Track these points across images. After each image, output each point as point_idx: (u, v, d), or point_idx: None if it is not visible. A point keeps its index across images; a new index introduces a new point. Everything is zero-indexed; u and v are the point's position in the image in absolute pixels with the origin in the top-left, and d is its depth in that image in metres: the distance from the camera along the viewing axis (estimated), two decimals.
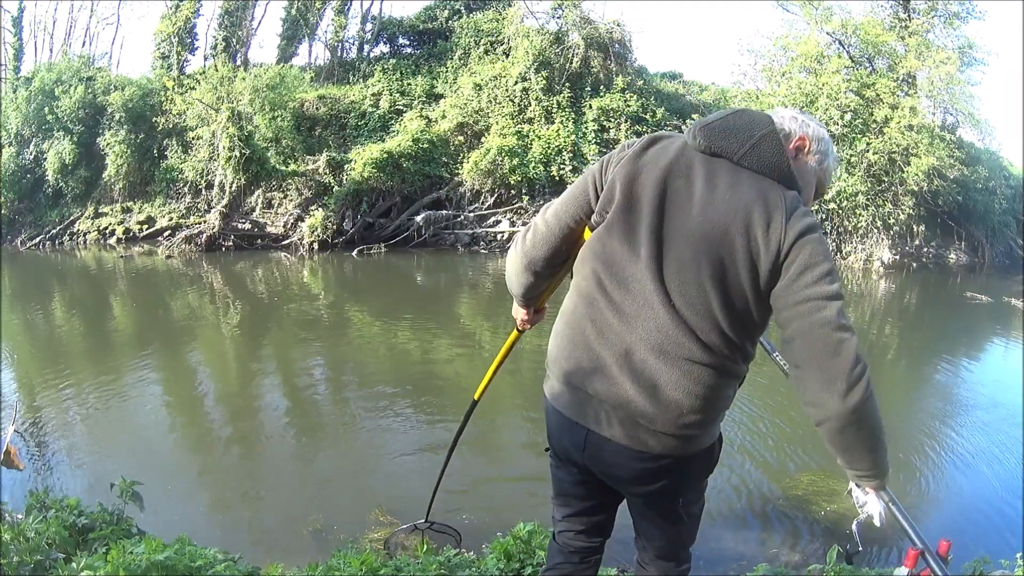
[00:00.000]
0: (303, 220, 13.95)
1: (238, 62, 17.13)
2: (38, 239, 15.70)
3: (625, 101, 15.29)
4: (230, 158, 13.87)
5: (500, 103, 15.31)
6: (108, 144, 15.62)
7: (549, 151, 14.48)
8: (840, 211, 13.45)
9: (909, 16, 15.07)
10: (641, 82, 16.18)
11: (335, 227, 13.77)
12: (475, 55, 16.77)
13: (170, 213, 15.20)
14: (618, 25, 16.07)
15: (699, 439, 1.29)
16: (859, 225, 13.52)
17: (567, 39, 15.75)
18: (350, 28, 19.05)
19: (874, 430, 1.13)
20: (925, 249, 14.58)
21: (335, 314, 8.83)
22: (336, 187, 14.14)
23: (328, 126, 16.17)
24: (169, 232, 14.86)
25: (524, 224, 1.84)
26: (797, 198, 1.16)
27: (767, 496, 3.55)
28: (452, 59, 17.00)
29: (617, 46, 16.00)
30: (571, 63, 15.55)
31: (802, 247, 1.10)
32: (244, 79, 14.44)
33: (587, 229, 1.32)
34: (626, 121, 15.03)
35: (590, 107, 15.26)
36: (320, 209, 13.89)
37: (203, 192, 15.13)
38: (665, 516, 1.43)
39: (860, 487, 1.28)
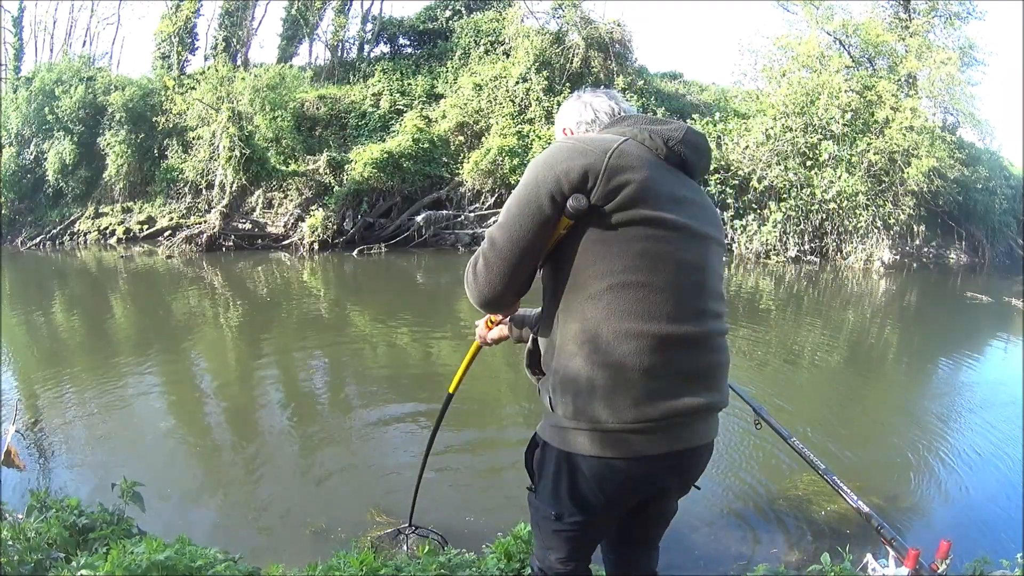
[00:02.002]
0: (303, 220, 13.96)
1: (238, 62, 17.16)
2: (38, 239, 15.72)
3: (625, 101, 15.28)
4: (230, 158, 13.89)
5: (500, 103, 15.32)
6: (108, 144, 15.64)
7: None
8: (840, 211, 13.45)
9: (910, 16, 15.09)
10: (641, 82, 16.20)
11: (335, 227, 13.78)
12: (475, 55, 16.78)
13: (170, 213, 15.22)
14: (618, 25, 16.08)
15: None
16: (859, 225, 13.52)
17: (567, 39, 15.77)
18: (350, 28, 19.13)
19: None
20: (925, 249, 14.59)
21: (335, 314, 8.83)
22: (336, 187, 14.15)
23: (328, 126, 16.18)
24: (169, 232, 14.88)
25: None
26: None
27: (767, 496, 3.54)
28: (452, 59, 17.01)
29: (617, 46, 16.01)
30: (571, 63, 15.56)
31: None
32: (244, 79, 14.46)
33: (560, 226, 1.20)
34: None
35: None
36: (320, 209, 13.90)
37: (203, 192, 15.15)
38: (676, 503, 1.47)
39: None
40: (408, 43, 18.98)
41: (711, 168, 13.03)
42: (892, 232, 13.75)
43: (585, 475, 1.22)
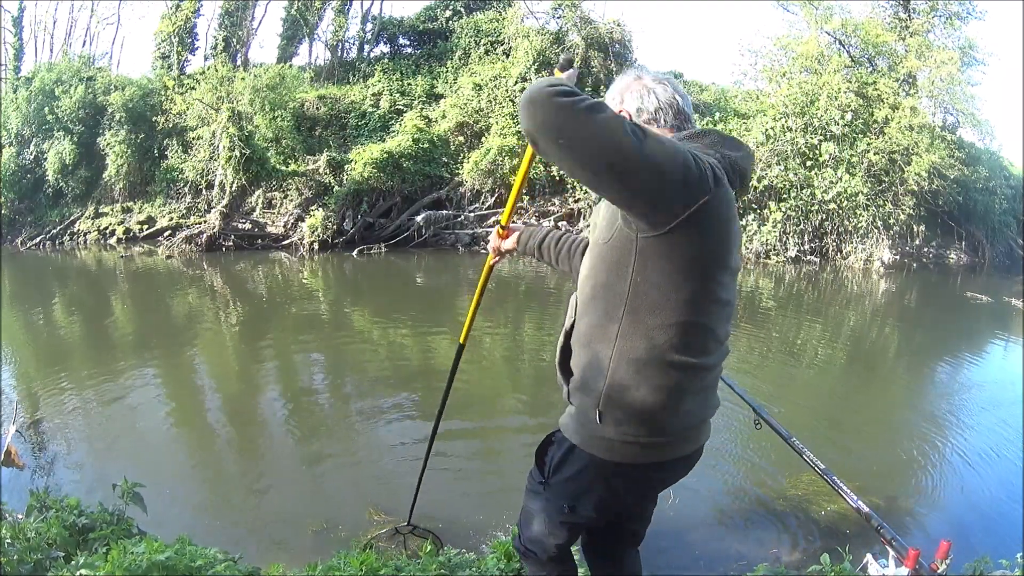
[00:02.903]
0: (303, 220, 13.96)
1: (238, 62, 17.15)
2: (38, 239, 15.71)
3: None
4: (230, 158, 13.88)
5: (500, 103, 15.31)
6: (108, 144, 15.63)
7: None
8: (840, 211, 13.45)
9: (909, 16, 15.08)
10: None
11: (335, 227, 13.78)
12: (475, 55, 16.78)
13: (170, 213, 15.21)
14: (618, 25, 16.08)
15: None
16: (859, 225, 13.51)
17: (567, 39, 15.76)
18: (350, 28, 19.10)
19: None
20: (925, 249, 14.58)
21: (335, 314, 8.83)
22: (336, 187, 14.14)
23: (328, 126, 16.17)
24: (169, 232, 14.87)
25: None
26: None
27: (767, 496, 3.55)
28: (452, 59, 17.01)
29: (617, 46, 16.01)
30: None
31: None
32: (244, 79, 14.45)
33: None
34: None
35: None
36: (320, 209, 13.89)
37: (203, 192, 15.14)
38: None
39: None
40: (408, 43, 18.97)
41: None
42: (892, 232, 13.74)
43: (618, 481, 1.31)
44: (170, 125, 15.74)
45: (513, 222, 1.72)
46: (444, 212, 14.48)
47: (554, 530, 1.44)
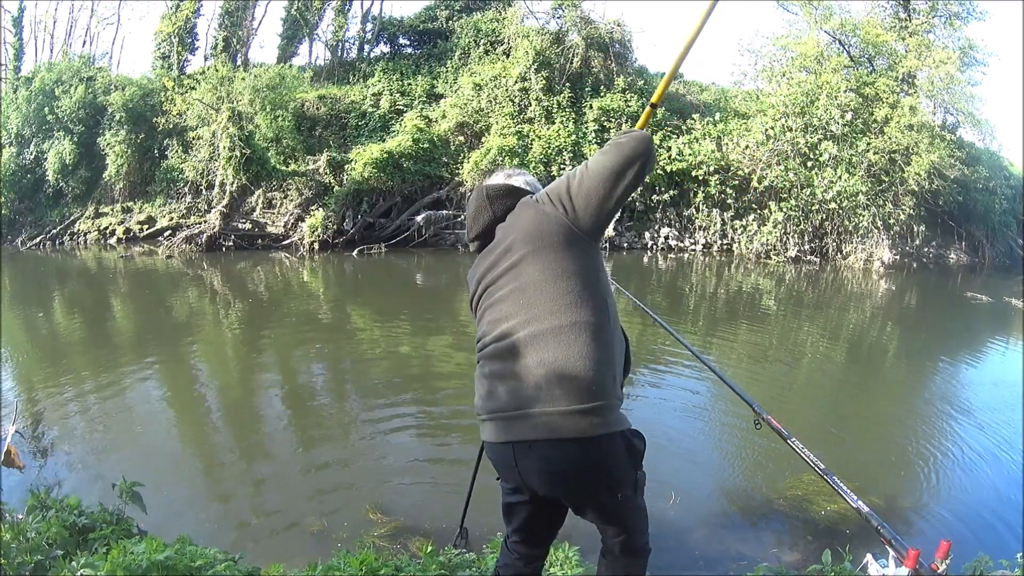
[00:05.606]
0: (303, 220, 13.96)
1: (238, 62, 17.16)
2: (38, 239, 15.72)
3: (625, 101, 15.30)
4: (230, 158, 13.89)
5: (500, 103, 15.32)
6: (108, 144, 15.65)
7: (549, 151, 14.50)
8: (840, 211, 13.45)
9: (909, 16, 15.09)
10: (641, 82, 16.19)
11: (335, 227, 13.78)
12: (475, 55, 16.78)
13: (170, 213, 15.22)
14: (618, 25, 16.08)
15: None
16: (859, 225, 13.52)
17: (567, 39, 15.76)
18: (350, 28, 19.11)
19: None
20: (925, 249, 14.59)
21: (335, 314, 8.83)
22: (336, 187, 14.15)
23: (328, 126, 16.18)
24: (169, 232, 14.88)
25: None
26: None
27: (767, 496, 3.55)
28: (452, 59, 17.02)
29: (617, 46, 16.01)
30: (571, 63, 15.56)
31: None
32: (244, 79, 14.45)
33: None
34: (626, 121, 15.04)
35: (590, 107, 15.27)
36: (320, 209, 13.90)
37: (203, 192, 15.15)
38: (611, 511, 1.55)
39: None
40: (408, 43, 18.99)
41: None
42: (892, 232, 13.75)
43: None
44: (170, 125, 15.75)
45: None
46: (444, 212, 14.48)
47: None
